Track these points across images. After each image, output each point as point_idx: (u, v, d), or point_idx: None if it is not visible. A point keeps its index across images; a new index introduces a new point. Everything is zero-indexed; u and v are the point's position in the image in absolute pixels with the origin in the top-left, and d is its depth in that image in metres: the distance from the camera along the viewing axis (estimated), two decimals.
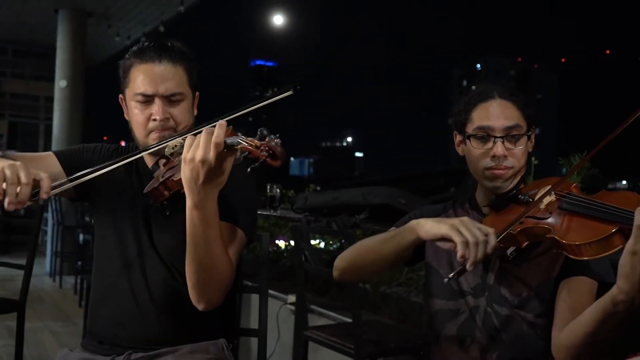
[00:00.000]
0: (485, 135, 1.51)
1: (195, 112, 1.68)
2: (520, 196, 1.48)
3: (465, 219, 1.36)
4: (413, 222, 1.43)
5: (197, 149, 1.26)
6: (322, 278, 4.26)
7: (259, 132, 1.24)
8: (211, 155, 1.25)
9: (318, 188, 5.84)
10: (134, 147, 1.70)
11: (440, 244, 1.39)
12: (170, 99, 1.58)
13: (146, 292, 1.61)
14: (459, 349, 1.52)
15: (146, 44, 1.62)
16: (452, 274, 1.35)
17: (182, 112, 1.60)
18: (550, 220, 1.34)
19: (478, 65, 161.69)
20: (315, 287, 4.11)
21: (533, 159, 3.29)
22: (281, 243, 4.97)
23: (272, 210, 3.77)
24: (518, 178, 1.54)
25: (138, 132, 1.61)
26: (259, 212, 3.74)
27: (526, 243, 1.38)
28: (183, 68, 1.61)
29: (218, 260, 1.43)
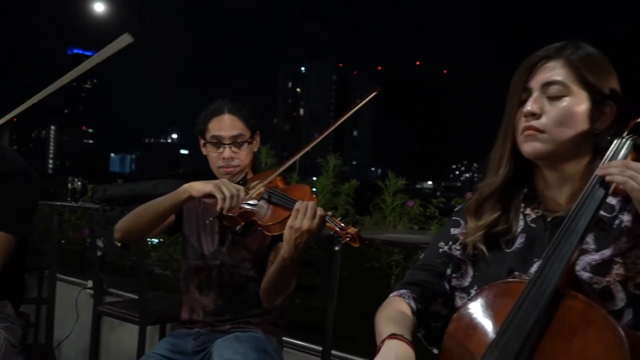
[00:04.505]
0: (217, 142, 1.99)
1: None
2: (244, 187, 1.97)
3: (224, 180, 1.84)
4: (186, 185, 1.85)
5: None
6: (126, 267, 4.60)
7: None
8: None
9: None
10: None
11: (206, 200, 1.87)
12: None
13: None
14: (199, 296, 2.03)
15: None
16: (213, 218, 1.84)
17: None
18: (255, 206, 1.83)
19: (303, 68, 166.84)
20: (117, 274, 4.43)
21: (287, 154, 3.97)
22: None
23: (73, 202, 4.02)
24: (244, 173, 2.03)
25: None
26: (60, 204, 3.98)
27: (243, 223, 1.85)
28: None
29: None
